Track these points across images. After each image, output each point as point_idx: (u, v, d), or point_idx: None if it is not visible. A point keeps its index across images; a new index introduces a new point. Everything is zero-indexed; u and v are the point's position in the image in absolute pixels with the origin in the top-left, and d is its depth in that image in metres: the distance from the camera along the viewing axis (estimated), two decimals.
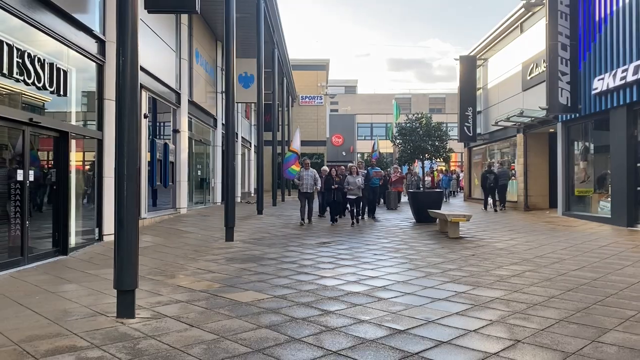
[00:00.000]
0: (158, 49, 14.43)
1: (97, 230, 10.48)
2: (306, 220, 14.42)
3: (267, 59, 20.97)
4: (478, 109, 24.46)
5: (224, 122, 23.06)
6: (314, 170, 14.82)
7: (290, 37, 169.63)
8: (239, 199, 23.55)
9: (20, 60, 7.55)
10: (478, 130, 24.41)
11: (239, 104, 25.08)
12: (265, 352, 4.21)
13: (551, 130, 17.98)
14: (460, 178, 34.37)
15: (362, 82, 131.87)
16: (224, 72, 23.15)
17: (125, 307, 5.08)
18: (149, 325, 4.91)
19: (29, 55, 7.75)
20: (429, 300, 6.00)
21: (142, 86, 12.90)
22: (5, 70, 7.23)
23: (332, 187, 14.76)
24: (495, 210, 19.17)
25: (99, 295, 6.09)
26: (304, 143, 37.81)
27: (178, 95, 16.24)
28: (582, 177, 16.12)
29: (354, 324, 5.00)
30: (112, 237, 10.41)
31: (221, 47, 22.84)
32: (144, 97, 13.27)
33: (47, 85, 8.28)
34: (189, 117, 17.35)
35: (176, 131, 16.19)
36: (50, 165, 9.06)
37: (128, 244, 5.14)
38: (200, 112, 19.57)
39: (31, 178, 8.07)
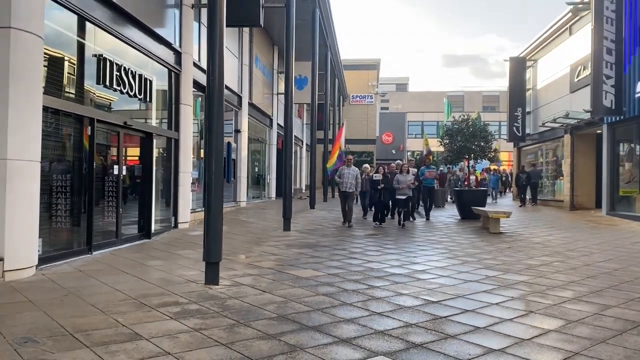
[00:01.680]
0: (226, 57, 15.85)
1: (173, 218, 11.95)
2: (347, 222, 13.41)
3: (320, 61, 22.15)
4: (527, 109, 24.80)
5: (279, 121, 24.55)
6: (357, 169, 13.89)
7: (343, 36, 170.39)
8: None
9: (118, 74, 9.01)
10: (527, 131, 24.75)
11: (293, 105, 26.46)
12: (324, 311, 5.37)
13: (598, 131, 18.30)
14: (510, 178, 34.54)
15: (415, 79, 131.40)
16: (279, 75, 24.66)
17: (212, 276, 6.37)
18: (231, 290, 6.17)
19: (124, 68, 9.21)
20: (461, 281, 7.01)
21: None
22: (107, 83, 8.70)
23: (379, 187, 14.05)
24: (523, 205, 21.36)
25: (186, 269, 7.42)
26: (353, 141, 39.13)
27: (239, 98, 17.67)
28: (627, 178, 16.46)
29: (395, 296, 6.09)
30: (186, 225, 11.99)
31: (277, 50, 24.25)
32: None
33: (137, 93, 9.74)
34: (248, 117, 18.77)
35: (237, 131, 17.63)
36: (137, 162, 10.55)
37: (214, 225, 6.40)
38: (258, 112, 20.99)
39: (124, 172, 9.57)
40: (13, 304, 5.35)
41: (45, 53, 6.97)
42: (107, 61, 8.65)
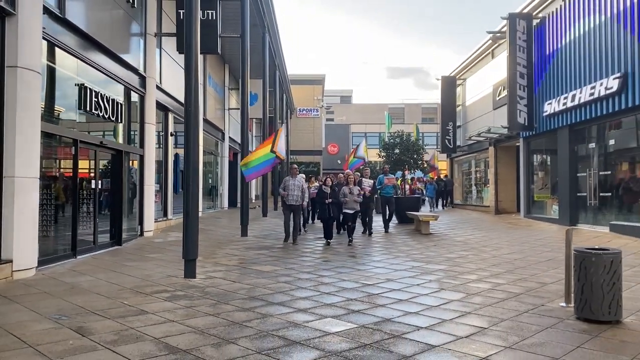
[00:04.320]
0: (182, 76, 17.10)
1: (139, 227, 13.12)
2: (290, 239, 12.25)
3: (269, 79, 23.67)
4: (458, 123, 27.27)
5: (230, 135, 25.89)
6: (302, 179, 12.72)
7: (290, 50, 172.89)
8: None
9: (96, 100, 10.24)
10: (458, 143, 27.18)
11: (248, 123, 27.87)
12: (284, 293, 6.90)
13: (517, 144, 20.74)
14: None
15: (360, 91, 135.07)
16: (230, 91, 26.04)
17: (190, 271, 7.76)
18: (207, 281, 7.60)
19: (100, 94, 10.44)
20: (392, 270, 8.71)
21: (169, 110, 15.65)
22: (87, 108, 9.91)
23: (326, 200, 12.56)
24: (443, 208, 26.15)
25: (163, 268, 8.74)
26: (300, 152, 40.84)
27: None
28: (540, 185, 18.89)
29: (340, 282, 7.70)
30: (151, 233, 13.16)
31: (228, 68, 25.65)
32: (170, 118, 15.94)
33: (110, 116, 10.96)
34: (203, 132, 20.02)
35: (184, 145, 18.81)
36: (109, 177, 11.71)
37: (192, 229, 7.80)
38: (211, 127, 22.26)
39: (100, 186, 10.76)
40: (33, 294, 6.58)
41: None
42: (87, 89, 9.87)
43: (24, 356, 4.31)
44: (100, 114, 10.46)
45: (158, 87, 14.19)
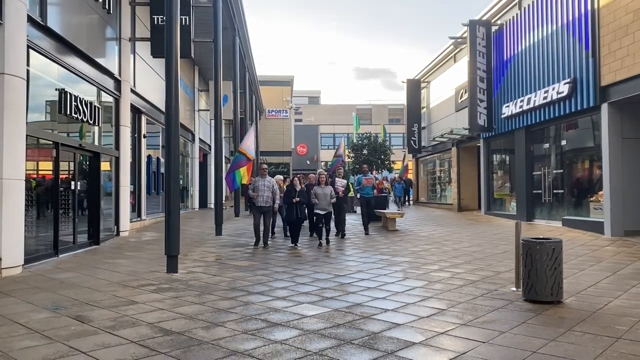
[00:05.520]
0: (155, 80, 17.46)
1: (115, 227, 13.44)
2: (261, 242, 11.70)
3: (239, 81, 24.12)
4: (423, 124, 28.24)
5: (200, 136, 26.21)
6: (272, 179, 12.24)
7: (259, 51, 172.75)
8: (211, 205, 26.54)
9: (75, 103, 10.57)
10: (423, 144, 28.16)
11: (211, 120, 28.19)
12: (263, 284, 7.47)
13: (478, 144, 21.76)
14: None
15: (328, 92, 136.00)
16: (200, 92, 26.37)
17: (172, 266, 8.25)
18: (189, 275, 8.10)
19: (79, 98, 10.77)
20: (361, 263, 9.37)
21: (142, 112, 15.98)
22: (67, 112, 10.24)
23: (294, 200, 11.69)
24: (404, 205, 27.57)
25: (144, 265, 9.18)
26: (270, 153, 41.34)
27: None
28: (499, 184, 19.92)
29: (313, 273, 8.31)
30: (126, 233, 13.49)
31: (198, 70, 25.96)
32: (143, 120, 16.26)
33: (88, 119, 11.29)
34: None
35: (165, 147, 19.13)
36: (87, 178, 12.03)
37: (174, 226, 8.28)
38: (182, 128, 22.53)
39: (79, 187, 11.09)
40: (25, 289, 6.97)
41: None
42: (67, 94, 10.21)
43: (34, 340, 4.77)
44: (79, 117, 10.79)
45: (132, 90, 14.52)
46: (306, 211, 12.22)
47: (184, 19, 13.82)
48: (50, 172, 9.91)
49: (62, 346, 4.59)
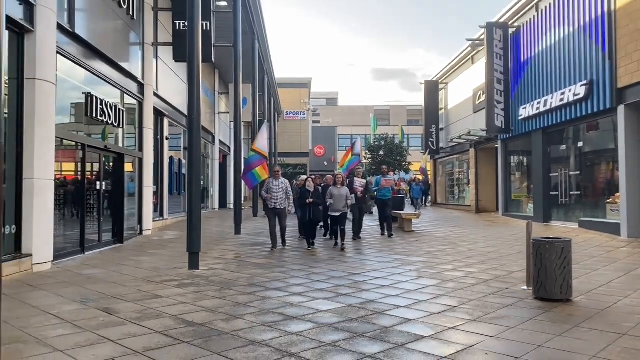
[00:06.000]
0: (176, 83, 17.91)
1: (138, 226, 13.86)
2: (279, 244, 11.60)
3: (258, 84, 24.50)
4: (441, 126, 28.30)
5: (220, 138, 26.66)
6: (286, 180, 12.04)
7: (278, 54, 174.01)
8: (231, 206, 26.97)
9: (101, 107, 10.99)
10: (441, 145, 28.22)
11: (231, 123, 28.67)
12: (280, 280, 7.74)
13: (496, 146, 21.77)
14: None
15: (346, 93, 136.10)
16: (220, 95, 26.82)
17: (194, 263, 8.57)
18: (209, 272, 8.41)
19: (105, 102, 11.19)
20: (376, 262, 9.59)
21: (164, 115, 16.41)
22: (93, 115, 10.66)
23: (307, 201, 11.39)
24: (422, 207, 27.61)
25: (167, 261, 9.52)
26: (287, 155, 41.66)
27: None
28: (517, 185, 19.93)
29: (328, 272, 8.55)
30: (149, 232, 13.88)
31: (218, 74, 26.42)
32: (166, 123, 16.69)
33: (113, 121, 11.70)
34: None
35: (186, 149, 19.57)
36: (111, 178, 12.45)
37: (195, 224, 8.60)
38: (203, 131, 22.97)
39: (104, 187, 11.50)
40: (55, 283, 7.35)
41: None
42: (94, 98, 10.62)
43: (66, 329, 5.11)
44: (104, 120, 11.20)
45: (155, 94, 14.94)
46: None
47: (205, 24, 14.19)
48: (77, 173, 10.33)
49: (92, 335, 4.91)
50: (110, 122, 11.49)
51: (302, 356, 4.36)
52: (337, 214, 11.53)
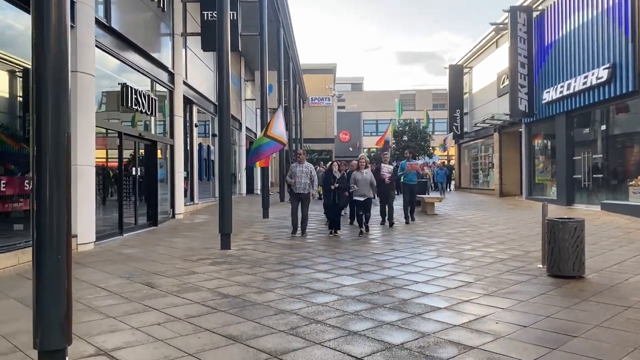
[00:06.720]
0: (203, 71, 18.47)
1: (171, 210, 14.52)
2: (299, 231, 11.28)
3: (284, 70, 24.91)
4: (465, 110, 28.33)
5: (247, 125, 27.22)
6: (310, 165, 11.65)
7: (302, 39, 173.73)
8: (258, 191, 27.61)
9: (135, 97, 11.57)
10: (465, 129, 28.27)
11: (257, 109, 29.22)
12: (306, 259, 8.23)
13: (520, 130, 21.81)
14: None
15: (371, 77, 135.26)
16: (246, 82, 27.33)
17: (225, 243, 9.12)
18: (240, 252, 8.95)
19: (139, 91, 11.77)
20: (398, 243, 10.01)
21: (193, 102, 16.98)
22: (128, 104, 11.25)
23: (332, 186, 11.33)
24: (447, 191, 27.60)
25: (200, 242, 10.10)
26: (313, 141, 42.09)
27: (216, 106, 20.25)
28: (541, 168, 20.01)
29: (353, 252, 9.01)
30: (181, 216, 14.53)
31: (244, 61, 26.90)
32: (195, 110, 17.27)
33: (147, 110, 12.29)
34: None
35: (215, 135, 20.21)
36: (145, 165, 13.08)
37: (227, 207, 9.14)
38: (231, 118, 23.55)
39: (139, 173, 12.14)
40: (99, 262, 7.98)
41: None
42: (128, 87, 11.20)
43: (114, 299, 5.69)
44: (138, 109, 11.79)
45: (184, 82, 15.50)
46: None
47: (232, 14, 14.61)
48: (115, 160, 10.95)
49: (138, 305, 5.47)
50: (143, 110, 12.07)
51: (328, 323, 4.83)
52: (362, 198, 11.33)
